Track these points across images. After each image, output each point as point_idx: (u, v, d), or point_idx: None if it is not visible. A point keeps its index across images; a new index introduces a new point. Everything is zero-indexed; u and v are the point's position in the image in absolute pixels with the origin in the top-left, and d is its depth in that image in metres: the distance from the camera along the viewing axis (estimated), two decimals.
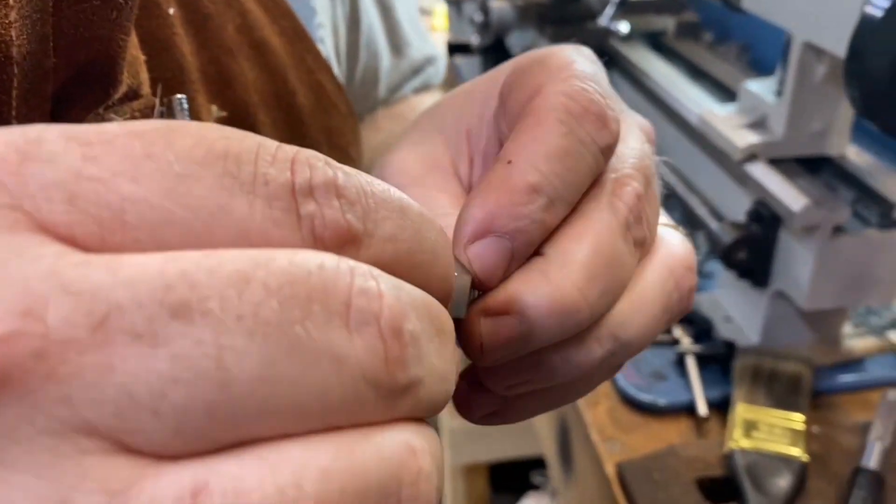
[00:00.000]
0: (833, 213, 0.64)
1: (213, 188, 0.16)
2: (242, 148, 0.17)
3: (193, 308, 0.14)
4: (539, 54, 0.29)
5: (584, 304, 0.24)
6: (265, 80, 0.42)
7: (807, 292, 0.67)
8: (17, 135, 0.15)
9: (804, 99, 0.68)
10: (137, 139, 0.16)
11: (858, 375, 0.73)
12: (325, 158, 0.18)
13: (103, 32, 0.31)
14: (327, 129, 0.47)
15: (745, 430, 0.62)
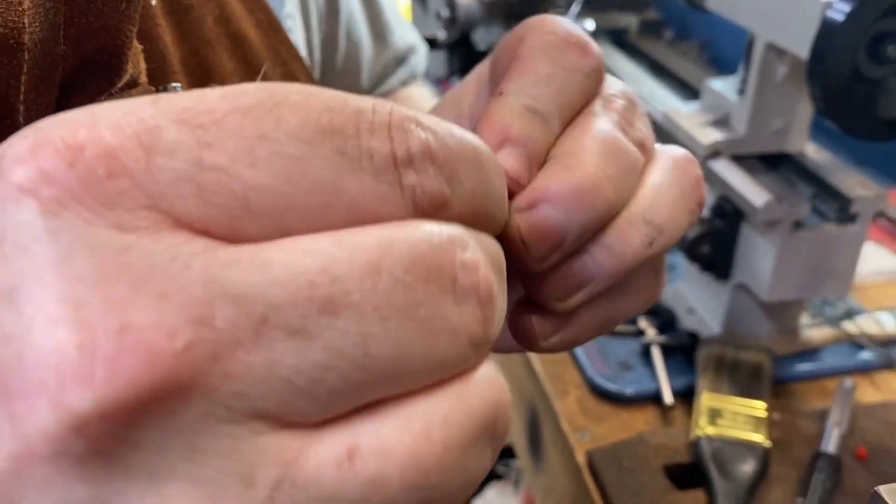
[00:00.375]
0: (793, 209, 0.66)
1: (325, 168, 0.17)
2: (345, 120, 0.17)
3: (338, 302, 0.16)
4: (520, 25, 0.31)
5: (605, 180, 0.25)
6: (243, 72, 0.43)
7: (767, 285, 0.69)
8: (133, 123, 0.15)
9: (766, 98, 0.70)
10: (246, 118, 0.16)
11: (816, 364, 0.76)
12: (414, 117, 0.18)
13: (112, 23, 0.31)
14: None
15: (709, 418, 0.64)
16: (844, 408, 0.65)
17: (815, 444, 0.64)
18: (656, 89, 0.90)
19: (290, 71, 0.47)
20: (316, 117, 0.17)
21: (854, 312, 0.81)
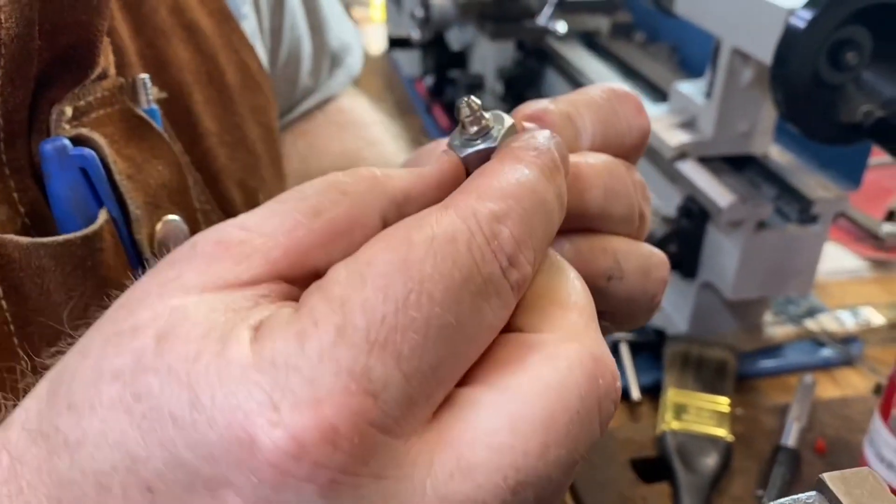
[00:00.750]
0: (757, 210, 0.68)
1: (473, 317, 0.20)
2: (468, 263, 0.20)
3: (523, 483, 0.20)
4: None
5: (601, 186, 0.28)
6: (198, 61, 0.44)
7: (732, 283, 0.71)
8: (352, 386, 0.18)
9: (731, 101, 0.72)
10: (410, 309, 0.19)
11: (778, 361, 0.78)
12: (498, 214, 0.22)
13: (85, 17, 0.32)
14: (253, 106, 0.49)
15: (675, 413, 0.66)
16: (804, 403, 0.67)
17: (775, 438, 0.66)
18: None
19: (241, 59, 0.48)
20: (451, 279, 0.20)
21: (816, 310, 0.83)
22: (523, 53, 1.12)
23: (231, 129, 0.46)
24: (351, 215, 0.22)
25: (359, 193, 0.23)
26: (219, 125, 0.45)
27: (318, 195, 0.22)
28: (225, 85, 0.46)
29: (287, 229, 0.22)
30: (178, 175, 0.39)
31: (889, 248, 0.97)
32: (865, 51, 0.59)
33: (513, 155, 0.24)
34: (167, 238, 0.37)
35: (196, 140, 0.43)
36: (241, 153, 0.47)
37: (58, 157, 0.33)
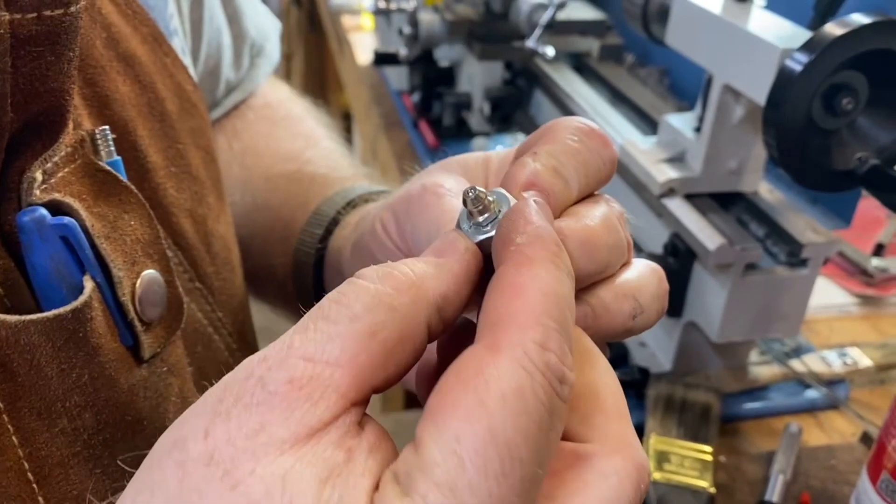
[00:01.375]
0: (745, 253, 0.66)
1: (550, 453, 0.23)
2: (544, 404, 0.22)
3: None
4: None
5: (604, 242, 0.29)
6: (138, 93, 0.42)
7: (718, 326, 0.69)
8: None
9: (721, 138, 0.70)
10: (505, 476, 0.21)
11: (763, 403, 0.76)
12: (546, 342, 0.23)
13: (56, 85, 0.31)
14: (192, 130, 0.47)
15: (657, 462, 0.64)
16: (789, 453, 0.65)
17: (759, 488, 0.64)
18: (615, 118, 0.90)
19: (177, 83, 0.46)
20: (530, 433, 0.22)
21: (802, 350, 0.82)
22: (511, 74, 1.10)
23: (176, 159, 0.44)
24: (403, 332, 0.24)
25: (406, 306, 0.25)
26: (164, 157, 0.43)
27: (369, 313, 0.24)
28: (166, 114, 0.44)
29: (350, 357, 0.23)
30: (149, 227, 0.37)
31: (878, 283, 0.95)
32: (861, 96, 0.57)
33: (525, 258, 0.25)
34: (147, 294, 0.36)
35: (144, 176, 0.41)
36: (187, 182, 0.45)
37: (37, 229, 0.32)
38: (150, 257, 0.37)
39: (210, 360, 0.45)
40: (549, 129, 0.32)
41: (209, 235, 0.46)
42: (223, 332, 0.47)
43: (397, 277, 0.25)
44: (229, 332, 0.48)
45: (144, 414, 0.35)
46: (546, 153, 0.31)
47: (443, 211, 0.34)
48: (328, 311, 0.24)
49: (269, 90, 0.69)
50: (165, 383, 0.37)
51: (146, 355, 0.36)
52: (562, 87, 1.01)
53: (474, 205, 0.28)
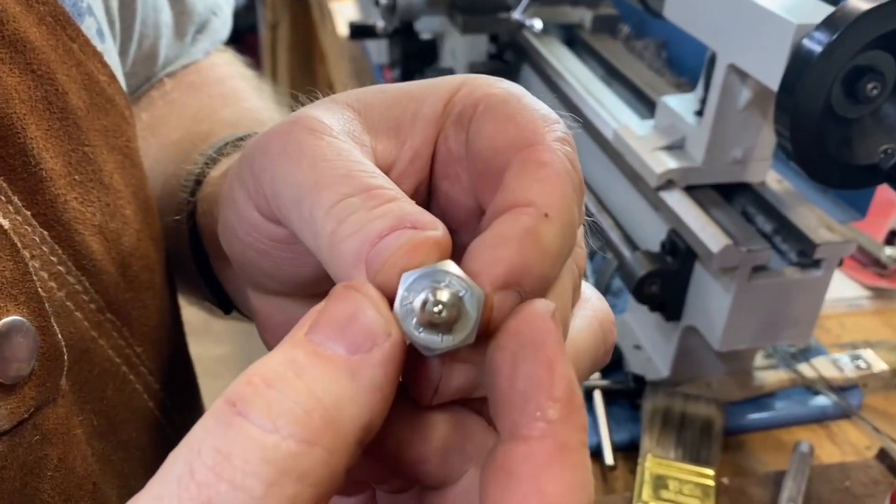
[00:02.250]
0: (752, 255, 0.59)
1: None
2: None
3: None
4: (503, 101, 0.27)
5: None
6: (30, 85, 0.34)
7: (721, 334, 0.63)
8: None
9: (726, 123, 0.63)
10: None
11: (769, 413, 0.69)
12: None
13: None
14: (105, 129, 0.39)
15: (654, 489, 0.57)
16: (800, 478, 0.59)
17: None
18: (608, 98, 0.83)
19: (86, 72, 0.38)
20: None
21: (811, 352, 0.75)
22: (497, 48, 1.02)
23: (81, 164, 0.36)
24: (318, 500, 0.19)
25: (321, 465, 0.19)
26: (65, 163, 0.35)
27: (273, 493, 0.18)
28: (69, 110, 0.36)
29: None
30: (11, 260, 0.30)
31: (892, 274, 0.88)
32: (889, 80, 0.49)
33: (557, 447, 0.20)
34: (5, 345, 0.28)
35: (38, 188, 0.33)
36: (96, 192, 0.37)
37: None
38: (13, 299, 0.29)
39: (124, 405, 0.38)
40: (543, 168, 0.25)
41: (125, 255, 0.39)
42: (141, 371, 0.40)
43: (304, 418, 0.19)
44: (150, 369, 0.40)
45: (2, 499, 0.28)
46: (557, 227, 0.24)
47: (318, 158, 0.25)
48: (209, 489, 0.18)
49: (205, 61, 0.60)
50: (38, 456, 0.30)
51: (3, 426, 0.28)
52: (552, 63, 0.93)
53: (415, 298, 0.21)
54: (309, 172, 0.25)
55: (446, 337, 0.21)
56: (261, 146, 0.28)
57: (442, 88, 0.28)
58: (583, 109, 0.82)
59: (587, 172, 0.80)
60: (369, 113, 0.28)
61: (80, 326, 0.35)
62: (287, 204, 0.26)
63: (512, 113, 0.26)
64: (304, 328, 0.21)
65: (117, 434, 0.37)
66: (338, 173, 0.25)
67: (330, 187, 0.24)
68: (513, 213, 0.23)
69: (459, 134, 0.28)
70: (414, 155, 0.28)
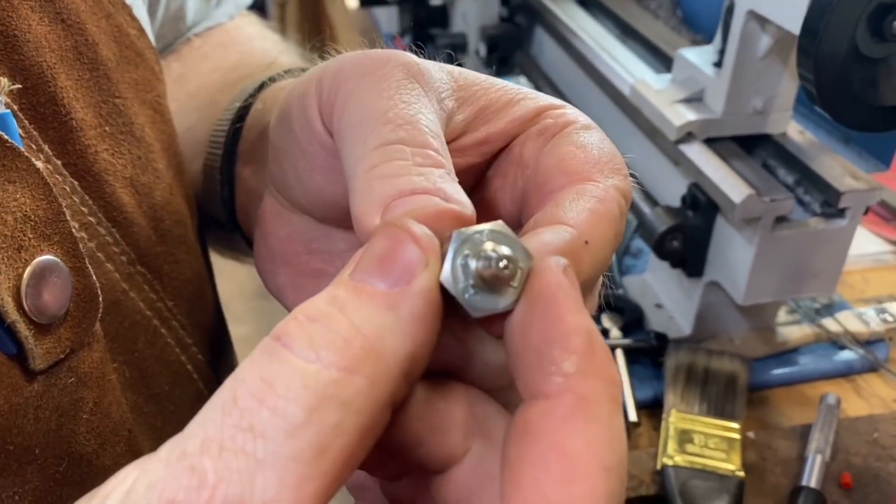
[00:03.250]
0: (775, 204, 0.58)
1: None
2: None
3: None
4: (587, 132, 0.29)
5: None
6: (60, 35, 0.33)
7: (744, 287, 0.62)
8: None
9: (745, 73, 0.62)
10: None
11: (793, 368, 0.69)
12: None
13: None
14: (135, 83, 0.39)
15: (678, 443, 0.57)
16: (827, 429, 0.58)
17: (793, 466, 0.58)
18: (624, 56, 0.81)
19: (116, 25, 0.38)
20: None
21: (835, 307, 0.74)
22: (509, 10, 1.01)
23: (112, 116, 0.36)
24: (363, 432, 0.19)
25: (364, 395, 0.19)
26: (96, 114, 0.35)
27: (314, 420, 0.18)
28: (99, 62, 0.35)
29: (293, 493, 0.17)
30: (45, 200, 0.29)
31: None
32: None
33: (578, 401, 0.19)
34: (40, 287, 0.28)
35: (68, 138, 0.33)
36: (127, 145, 0.37)
37: None
38: (48, 239, 0.29)
39: (156, 358, 0.38)
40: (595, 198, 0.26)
41: (157, 209, 0.38)
42: (173, 325, 0.40)
43: (344, 347, 0.19)
44: (182, 324, 0.40)
45: (36, 440, 0.28)
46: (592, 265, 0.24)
47: (398, 95, 0.26)
48: (251, 415, 0.18)
49: (231, 26, 0.60)
50: (73, 398, 0.30)
51: (39, 366, 0.28)
52: (565, 22, 0.92)
53: (474, 253, 0.21)
54: (382, 103, 0.26)
55: (492, 298, 0.21)
56: (351, 61, 0.28)
57: (541, 99, 0.30)
58: (598, 66, 0.80)
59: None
60: (466, 85, 0.30)
61: (111, 278, 0.35)
62: (348, 121, 0.27)
63: (590, 145, 0.27)
64: (348, 270, 0.21)
65: (149, 387, 0.37)
66: (406, 117, 0.25)
67: (393, 125, 0.25)
68: (556, 227, 0.24)
69: (538, 143, 0.29)
70: (485, 139, 0.30)
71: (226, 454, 0.18)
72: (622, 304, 0.73)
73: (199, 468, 0.17)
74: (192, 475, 0.17)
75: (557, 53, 0.95)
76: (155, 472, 0.18)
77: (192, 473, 0.17)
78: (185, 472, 0.17)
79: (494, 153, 0.30)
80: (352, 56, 0.29)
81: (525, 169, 0.29)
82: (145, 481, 0.18)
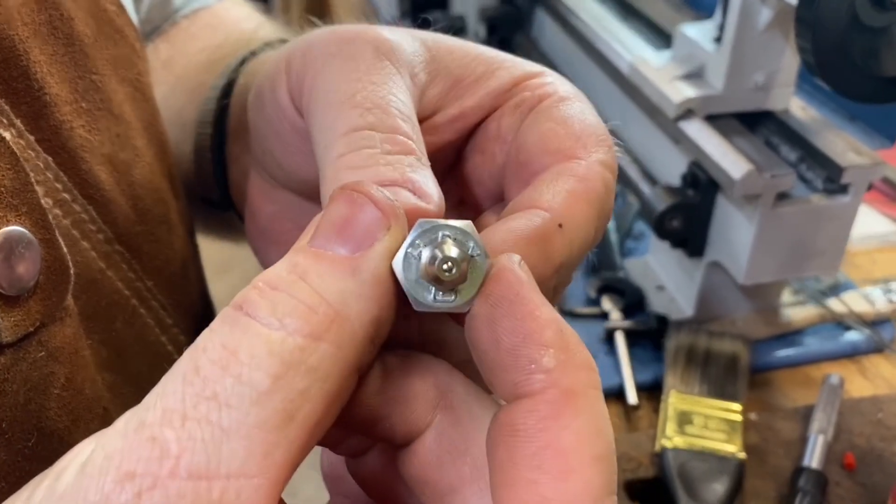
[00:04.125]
0: (776, 181, 0.57)
1: None
2: None
3: None
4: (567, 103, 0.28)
5: None
6: (33, 8, 0.33)
7: (745, 266, 0.61)
8: None
9: (746, 47, 0.60)
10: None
11: (797, 350, 0.67)
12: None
13: None
14: (114, 59, 0.38)
15: (678, 424, 0.56)
16: (830, 409, 0.57)
17: (796, 448, 0.56)
18: (623, 33, 0.80)
19: (93, 0, 0.37)
20: None
21: (841, 287, 0.73)
22: None
23: (88, 92, 0.35)
24: (329, 398, 0.19)
25: (329, 360, 0.19)
26: (72, 89, 0.34)
27: (280, 387, 0.18)
28: (74, 37, 0.35)
29: (260, 461, 0.17)
30: (13, 170, 0.29)
31: None
32: None
33: (562, 396, 0.19)
34: (9, 257, 0.27)
35: (42, 113, 0.33)
36: (104, 121, 0.36)
37: None
38: (15, 210, 0.28)
39: (134, 338, 0.37)
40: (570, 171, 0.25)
41: (136, 187, 0.38)
42: (153, 305, 0.39)
43: (308, 314, 0.19)
44: (162, 304, 0.40)
45: (3, 414, 0.28)
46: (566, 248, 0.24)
47: (367, 76, 0.26)
48: (214, 384, 0.18)
49: (220, 8, 0.59)
50: (43, 373, 0.29)
51: (6, 338, 0.28)
52: (565, 2, 0.90)
53: (427, 247, 0.20)
54: (350, 85, 0.25)
55: (440, 295, 0.20)
56: (319, 39, 0.28)
57: (517, 68, 0.29)
58: (597, 45, 0.79)
59: (602, 109, 0.78)
60: (440, 56, 0.29)
61: (87, 256, 0.34)
62: (316, 104, 0.27)
63: (571, 118, 0.27)
64: (307, 237, 0.21)
65: (127, 367, 0.36)
66: (375, 100, 0.25)
67: (362, 109, 0.25)
68: (529, 212, 0.24)
69: (516, 118, 0.28)
70: (459, 114, 0.29)
71: (189, 423, 0.17)
72: (623, 286, 0.72)
73: (161, 438, 0.17)
74: (153, 446, 0.17)
75: (558, 34, 0.94)
76: (112, 443, 0.17)
77: (152, 444, 0.17)
78: (145, 443, 0.17)
79: (470, 129, 0.30)
80: (320, 34, 0.29)
81: (504, 144, 0.29)
82: (101, 453, 0.17)
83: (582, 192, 0.25)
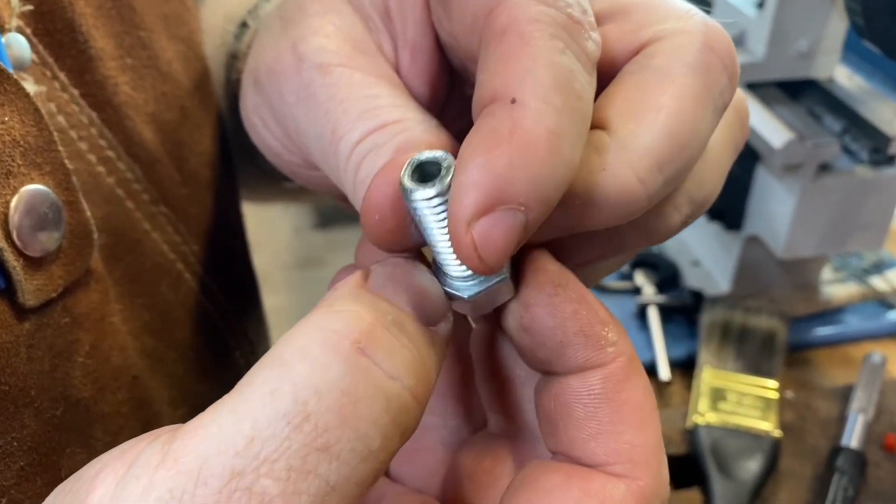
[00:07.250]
0: (818, 150, 0.55)
1: None
2: None
3: None
4: None
5: (644, 195, 0.22)
6: None
7: (785, 239, 0.59)
8: None
9: (790, 12, 0.58)
10: None
11: (837, 328, 0.65)
12: None
13: None
14: (165, 17, 0.37)
15: (711, 401, 0.54)
16: (871, 388, 0.55)
17: (834, 428, 0.55)
18: None
19: None
20: None
21: (884, 265, 0.70)
22: None
23: (135, 49, 0.34)
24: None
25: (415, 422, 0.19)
26: (117, 44, 0.33)
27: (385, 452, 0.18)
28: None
29: None
30: (37, 127, 0.28)
31: None
32: None
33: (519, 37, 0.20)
34: (29, 217, 0.27)
35: (87, 67, 0.32)
36: (150, 79, 0.35)
37: None
38: (38, 168, 0.27)
39: (179, 303, 0.36)
40: (512, 27, 0.21)
41: (182, 148, 0.37)
42: (197, 270, 0.38)
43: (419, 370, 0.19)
44: (207, 270, 0.39)
45: (31, 381, 0.27)
46: (537, 103, 0.20)
47: (332, 102, 0.25)
48: (328, 434, 0.17)
49: None
50: (68, 340, 0.29)
51: (30, 302, 0.27)
52: None
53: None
54: (326, 121, 0.25)
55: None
56: (277, 91, 0.28)
57: None
58: None
59: None
60: (365, 11, 0.27)
61: (132, 217, 0.33)
62: (314, 153, 0.27)
63: None
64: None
65: (171, 332, 0.36)
66: (350, 116, 0.25)
67: (346, 136, 0.25)
68: (483, 113, 0.20)
69: (446, 9, 0.25)
70: (413, 51, 0.27)
71: (295, 476, 0.16)
72: (656, 260, 0.71)
73: (260, 491, 0.16)
74: (250, 499, 0.16)
75: None
76: (183, 488, 0.16)
77: (249, 497, 0.16)
78: (241, 496, 0.16)
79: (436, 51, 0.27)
80: (273, 81, 0.28)
81: None
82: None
83: (514, 45, 0.21)
